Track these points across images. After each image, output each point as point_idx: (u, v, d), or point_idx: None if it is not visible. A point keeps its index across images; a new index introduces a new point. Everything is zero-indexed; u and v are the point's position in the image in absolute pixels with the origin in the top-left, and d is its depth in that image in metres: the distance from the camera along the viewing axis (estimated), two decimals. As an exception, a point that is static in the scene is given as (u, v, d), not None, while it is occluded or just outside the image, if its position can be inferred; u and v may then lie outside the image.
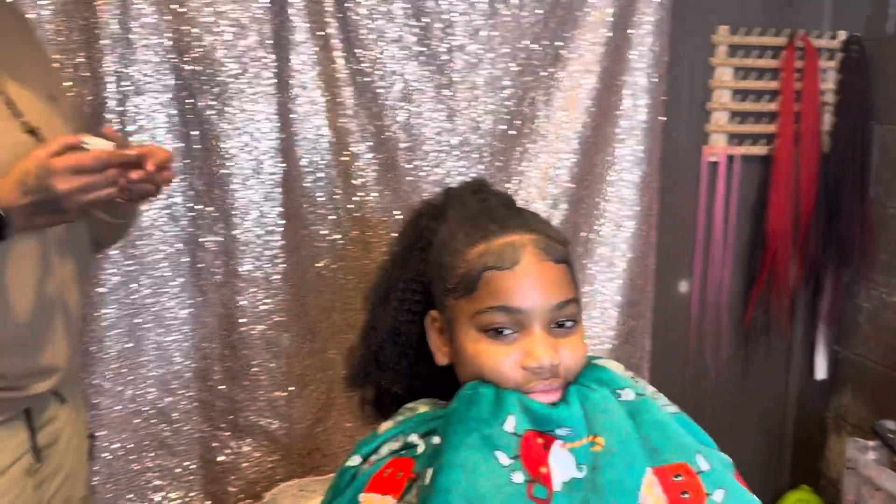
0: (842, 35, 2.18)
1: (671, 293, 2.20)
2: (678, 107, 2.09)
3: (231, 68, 1.69)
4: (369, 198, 1.82)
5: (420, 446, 0.86)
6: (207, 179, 1.73)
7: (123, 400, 1.74)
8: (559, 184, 1.94)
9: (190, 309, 1.77)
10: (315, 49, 1.75)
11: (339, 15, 1.74)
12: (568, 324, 0.87)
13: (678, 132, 2.11)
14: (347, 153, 1.80)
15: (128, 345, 1.73)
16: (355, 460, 0.90)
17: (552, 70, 1.90)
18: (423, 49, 1.82)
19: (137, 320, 1.73)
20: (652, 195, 2.02)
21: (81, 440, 1.27)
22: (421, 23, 1.80)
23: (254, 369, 1.81)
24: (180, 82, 1.68)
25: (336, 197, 1.82)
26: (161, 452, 1.79)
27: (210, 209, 1.74)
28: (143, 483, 1.79)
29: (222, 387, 1.81)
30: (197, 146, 1.71)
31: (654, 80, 1.96)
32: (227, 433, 1.82)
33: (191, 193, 1.73)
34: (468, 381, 0.87)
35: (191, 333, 1.78)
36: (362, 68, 1.78)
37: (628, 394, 0.88)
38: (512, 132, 1.90)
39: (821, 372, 2.35)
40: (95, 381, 1.71)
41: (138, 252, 1.72)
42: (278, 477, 1.84)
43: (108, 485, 1.75)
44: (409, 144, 1.84)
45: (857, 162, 2.19)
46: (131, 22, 1.62)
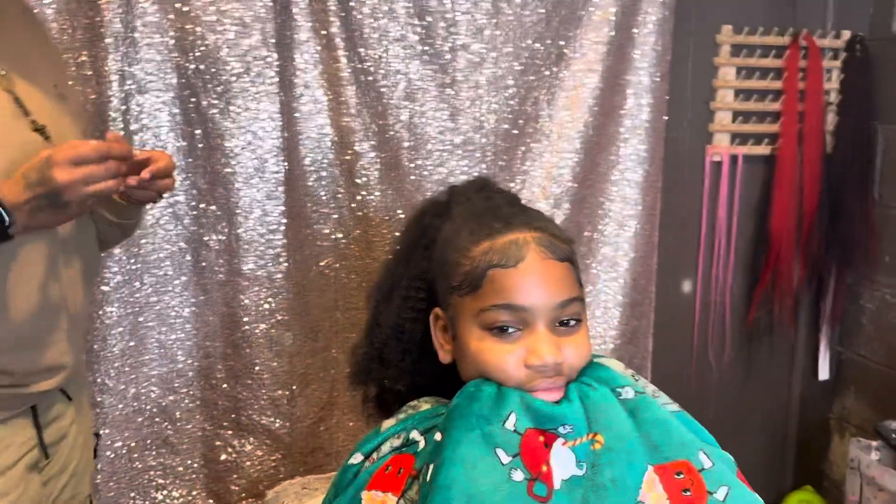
0: (845, 34, 2.18)
1: (674, 293, 2.19)
2: (681, 106, 2.09)
3: (234, 67, 1.69)
4: (372, 197, 1.83)
5: (421, 443, 0.86)
6: (210, 178, 1.73)
7: (126, 398, 1.74)
8: (562, 183, 1.94)
9: (192, 307, 1.77)
10: (318, 48, 1.75)
11: (343, 14, 1.75)
12: (572, 322, 0.86)
13: (681, 132, 2.11)
14: (350, 152, 1.80)
15: (130, 343, 1.74)
16: (357, 458, 0.90)
17: (555, 69, 1.90)
18: (427, 48, 1.82)
19: (140, 319, 1.74)
20: (655, 195, 2.02)
21: (88, 438, 1.27)
22: (424, 22, 1.81)
23: (256, 368, 1.81)
24: (183, 81, 1.68)
25: (339, 196, 1.82)
26: (163, 451, 1.79)
27: (213, 208, 1.75)
28: (146, 481, 1.79)
29: (225, 385, 1.81)
30: (200, 145, 1.72)
31: (658, 80, 1.96)
32: (230, 432, 1.83)
33: (194, 192, 1.74)
34: (471, 380, 0.87)
35: (193, 332, 1.78)
36: (365, 67, 1.78)
37: (628, 392, 0.87)
38: (515, 131, 1.91)
39: (824, 373, 2.35)
40: (98, 380, 1.71)
41: (141, 251, 1.72)
42: (280, 476, 1.84)
43: (111, 483, 1.75)
44: (413, 143, 1.84)
45: (861, 162, 2.19)
46: (135, 21, 1.63)
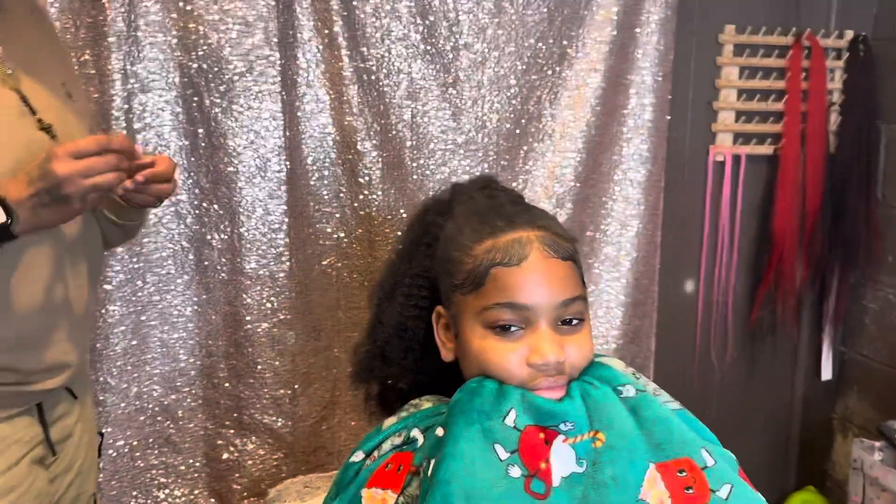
0: (849, 34, 2.18)
1: (676, 293, 2.19)
2: (684, 106, 2.09)
3: (237, 66, 1.70)
4: (374, 196, 1.83)
5: (420, 440, 0.86)
6: (213, 177, 1.73)
7: (128, 397, 1.75)
8: (565, 183, 1.94)
9: (195, 306, 1.78)
10: (321, 47, 1.75)
11: (345, 13, 1.75)
12: (574, 321, 0.86)
13: (684, 131, 2.11)
14: (353, 151, 1.81)
15: (133, 342, 1.74)
16: (359, 456, 0.90)
17: (558, 69, 1.90)
18: (429, 47, 1.82)
19: (143, 317, 1.74)
20: (657, 194, 2.02)
21: (92, 437, 1.27)
22: (427, 21, 1.80)
23: (258, 367, 1.81)
24: (186, 80, 1.68)
25: (341, 195, 1.82)
26: (166, 450, 1.79)
27: (215, 207, 1.75)
28: (148, 480, 1.79)
29: (227, 384, 1.81)
30: (203, 144, 1.72)
31: (660, 79, 1.96)
32: (232, 431, 1.83)
33: (196, 191, 1.74)
34: (473, 378, 0.87)
35: (196, 331, 1.78)
36: (368, 66, 1.78)
37: (629, 390, 0.87)
38: (517, 131, 1.90)
39: (827, 373, 2.35)
40: (101, 378, 1.71)
41: (144, 249, 1.72)
42: (283, 474, 1.84)
43: (113, 482, 1.76)
44: (415, 143, 1.84)
45: (864, 162, 2.19)
46: (138, 20, 1.63)
